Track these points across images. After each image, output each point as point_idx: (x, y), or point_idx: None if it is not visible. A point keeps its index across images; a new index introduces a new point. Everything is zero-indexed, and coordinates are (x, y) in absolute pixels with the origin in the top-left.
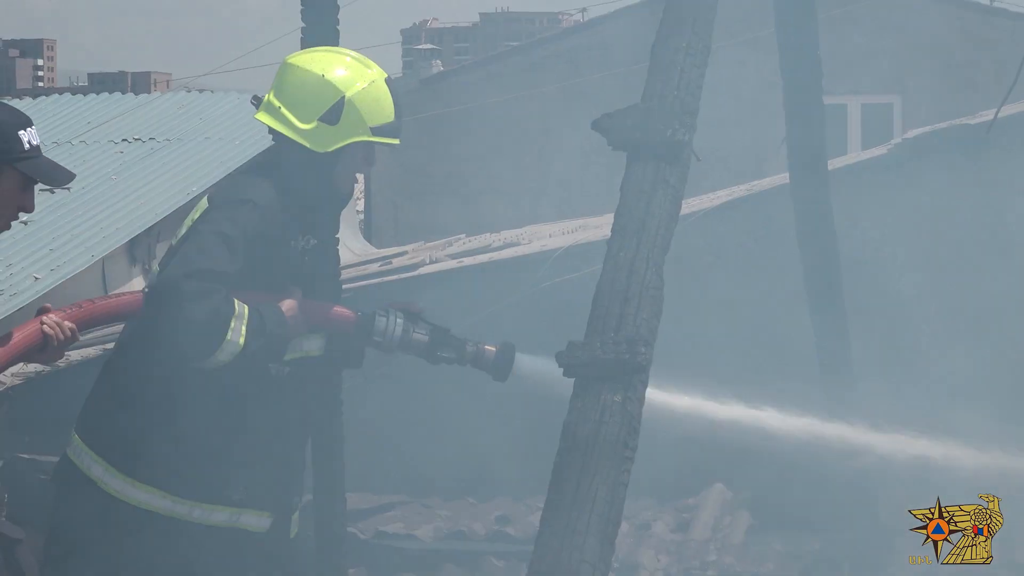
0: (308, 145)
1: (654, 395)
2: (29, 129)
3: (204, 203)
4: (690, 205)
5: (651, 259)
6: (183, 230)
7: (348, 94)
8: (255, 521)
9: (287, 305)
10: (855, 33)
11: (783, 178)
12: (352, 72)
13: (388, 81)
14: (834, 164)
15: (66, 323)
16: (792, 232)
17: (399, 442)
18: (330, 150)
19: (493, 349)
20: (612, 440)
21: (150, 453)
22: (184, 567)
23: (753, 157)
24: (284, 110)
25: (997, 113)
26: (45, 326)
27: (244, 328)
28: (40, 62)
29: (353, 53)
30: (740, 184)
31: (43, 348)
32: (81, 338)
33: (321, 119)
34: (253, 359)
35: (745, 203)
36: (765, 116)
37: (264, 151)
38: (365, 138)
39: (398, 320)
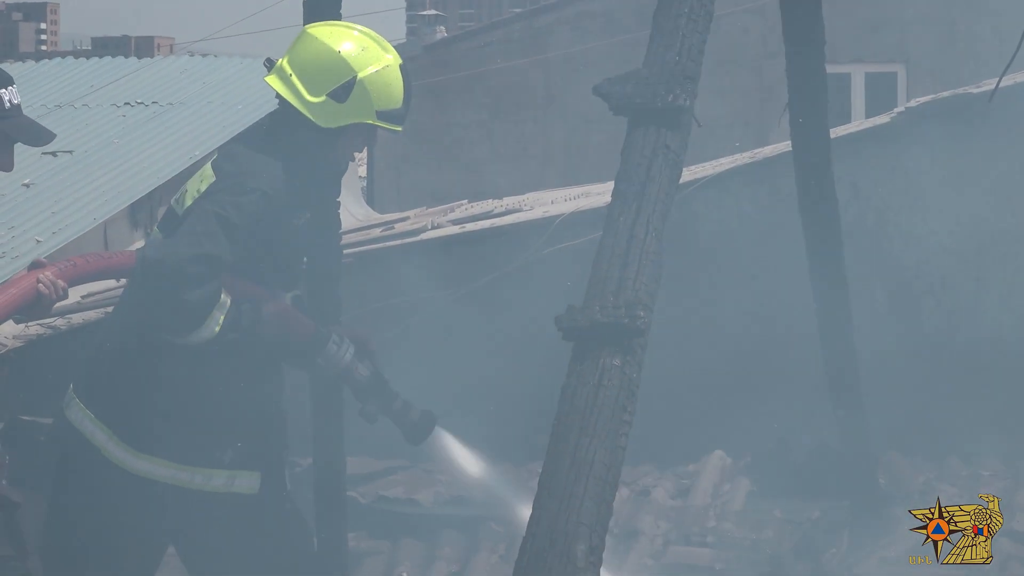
0: (313, 119)
1: None
2: (10, 88)
3: (209, 171)
4: (692, 172)
5: (651, 224)
6: (187, 199)
7: (360, 74)
8: (248, 483)
9: (269, 308)
10: (859, 3)
11: (786, 146)
12: (368, 53)
13: (403, 68)
14: (837, 132)
15: (60, 282)
16: (794, 200)
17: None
18: (333, 127)
19: (417, 412)
20: (611, 404)
21: (150, 422)
22: (182, 529)
23: (756, 125)
24: (295, 78)
25: (999, 82)
26: (41, 285)
27: (222, 318)
28: (43, 25)
29: (374, 34)
30: (743, 152)
31: (35, 305)
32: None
33: (330, 95)
34: (227, 345)
35: (747, 171)
36: (768, 84)
37: (268, 115)
38: (369, 121)
39: (347, 354)
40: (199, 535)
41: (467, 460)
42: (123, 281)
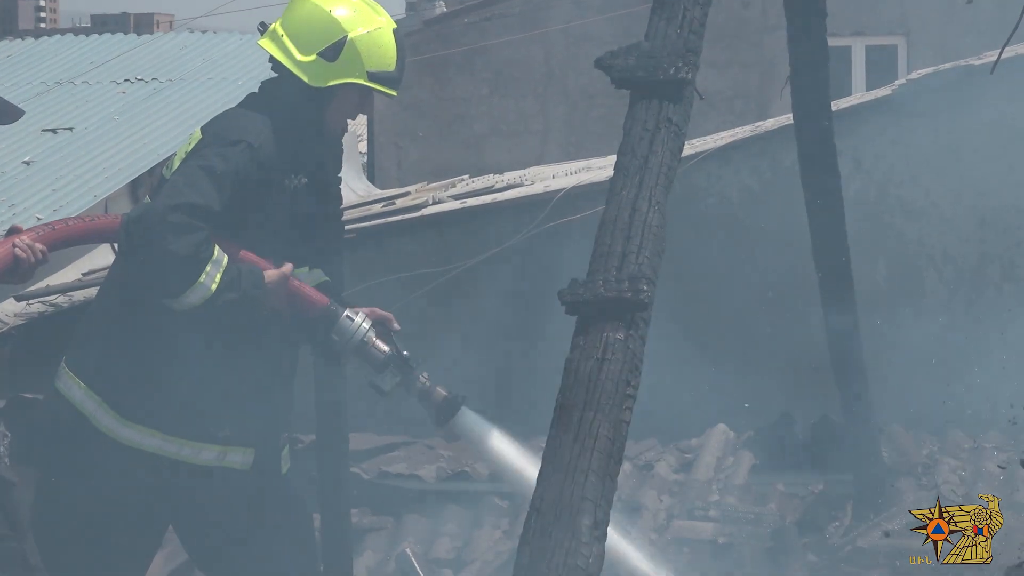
0: (303, 77)
1: None
2: None
3: (197, 134)
4: (694, 146)
5: (653, 197)
6: (175, 162)
7: (351, 34)
8: (240, 459)
9: (271, 273)
10: None
11: (787, 119)
12: (360, 14)
13: (396, 32)
14: (838, 105)
15: (37, 245)
16: (796, 173)
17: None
18: (324, 86)
19: (444, 393)
20: (614, 378)
21: (139, 391)
22: (175, 506)
23: (757, 98)
24: (286, 39)
25: (1000, 54)
26: (17, 249)
27: (219, 275)
28: (42, 2)
29: (373, 4)
30: (744, 125)
31: (14, 270)
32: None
33: (320, 54)
34: (224, 311)
35: (749, 144)
36: (769, 57)
37: (262, 83)
38: (360, 80)
39: (362, 327)
40: (194, 514)
41: (496, 442)
42: None
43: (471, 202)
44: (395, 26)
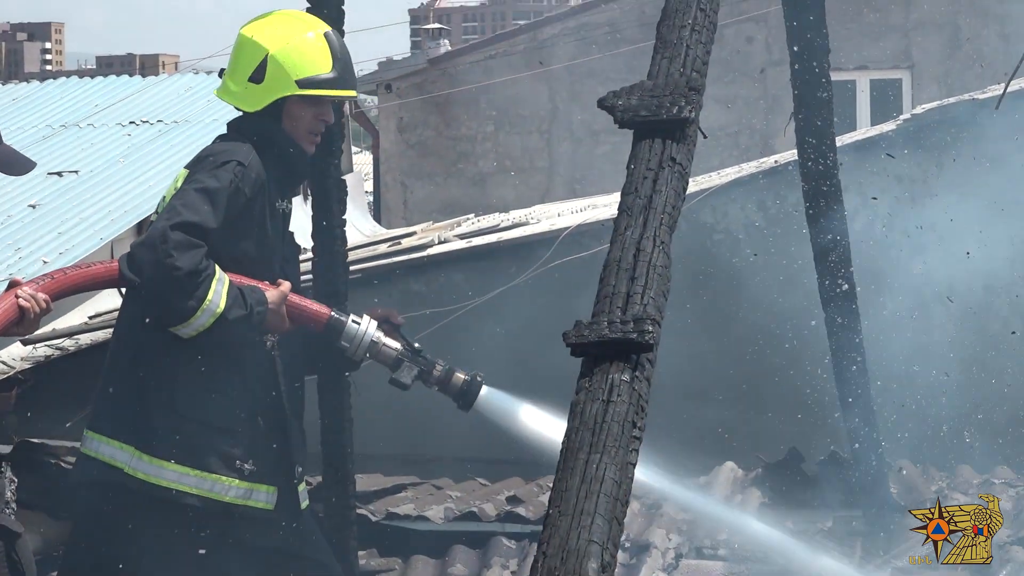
0: (242, 106)
1: None
2: None
3: (183, 172)
4: (699, 182)
5: (658, 237)
6: (164, 203)
7: (271, 51)
8: (265, 498)
9: (271, 292)
10: (863, 9)
11: (792, 154)
12: (281, 30)
13: (329, 36)
14: (843, 140)
15: (40, 295)
16: (801, 209)
17: (409, 423)
18: (259, 109)
19: (463, 377)
20: (620, 419)
21: (166, 428)
22: (210, 548)
23: (761, 134)
24: (226, 76)
25: (1006, 88)
26: (21, 299)
27: (225, 293)
28: (48, 45)
29: (298, 13)
30: (749, 162)
31: (20, 321)
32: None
33: (250, 79)
34: (231, 332)
35: (754, 180)
36: (773, 93)
37: (228, 123)
38: (291, 92)
39: (369, 329)
40: (223, 557)
41: (525, 415)
42: None
43: (476, 241)
44: (327, 29)
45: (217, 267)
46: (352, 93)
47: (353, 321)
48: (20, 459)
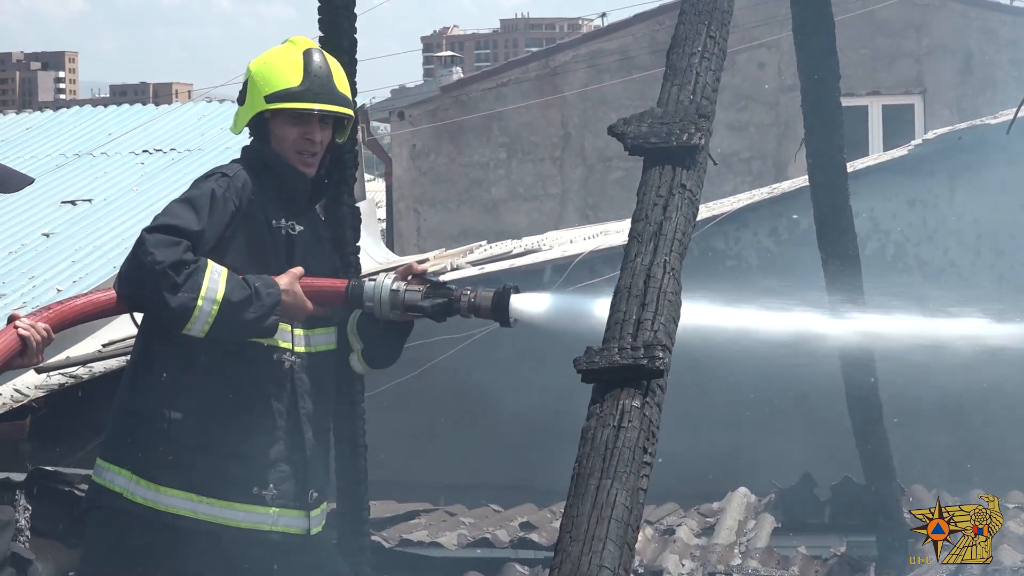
0: (232, 130)
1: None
2: None
3: None
4: (711, 208)
5: (668, 264)
6: None
7: (252, 70)
8: (292, 523)
9: (281, 276)
10: (875, 34)
11: (804, 180)
12: (269, 52)
13: (309, 51)
14: (855, 165)
15: (40, 324)
16: (813, 234)
17: (424, 449)
18: (238, 130)
19: (489, 294)
20: (631, 445)
21: (172, 455)
22: (224, 572)
23: (774, 159)
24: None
25: (1017, 113)
26: (20, 329)
27: (223, 280)
28: (62, 74)
29: (303, 40)
30: (761, 187)
31: (23, 352)
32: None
33: (238, 102)
34: (249, 324)
35: (766, 206)
36: (785, 119)
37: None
38: (260, 108)
39: (386, 281)
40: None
41: (560, 306)
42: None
43: (489, 268)
44: (308, 46)
45: (211, 260)
46: (327, 106)
47: (370, 279)
48: (34, 487)
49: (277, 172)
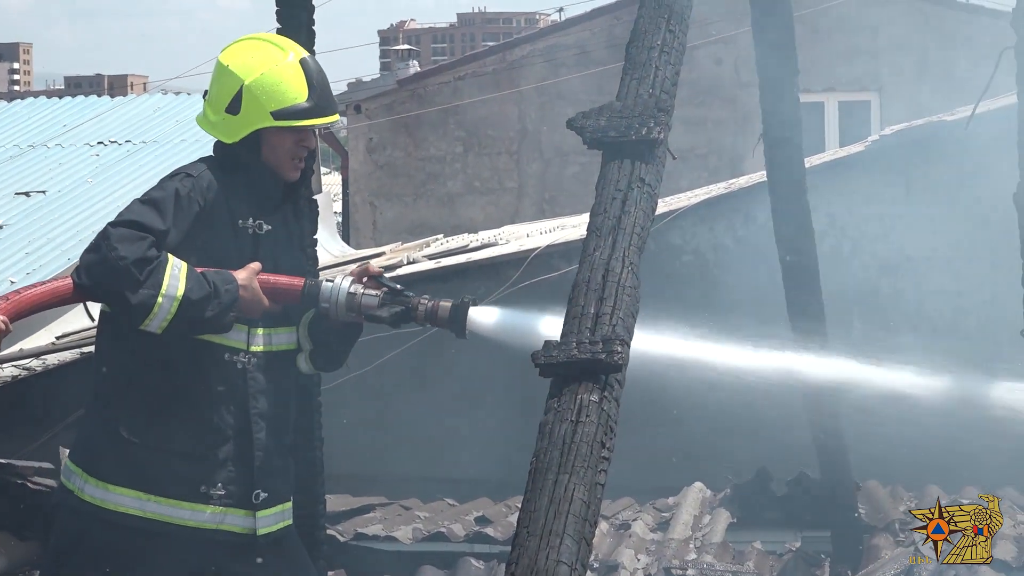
0: (220, 137)
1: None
2: None
3: None
4: (668, 203)
5: (627, 258)
6: None
7: (247, 81)
8: (240, 522)
9: (239, 272)
10: (832, 31)
11: (761, 176)
12: (256, 58)
13: (305, 62)
14: (812, 161)
15: None
16: (771, 229)
17: (378, 444)
18: (236, 140)
19: (448, 305)
20: (589, 440)
21: (121, 453)
22: (176, 571)
23: (731, 154)
24: (205, 103)
25: (975, 109)
26: None
27: (183, 277)
28: (16, 65)
29: (273, 37)
30: (718, 183)
31: None
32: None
33: (227, 110)
34: (206, 320)
35: (723, 201)
36: (742, 114)
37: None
38: (266, 124)
39: (343, 284)
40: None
41: (514, 322)
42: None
43: (445, 262)
44: (303, 55)
45: (172, 256)
46: (331, 119)
47: (327, 280)
48: None
49: (254, 175)
